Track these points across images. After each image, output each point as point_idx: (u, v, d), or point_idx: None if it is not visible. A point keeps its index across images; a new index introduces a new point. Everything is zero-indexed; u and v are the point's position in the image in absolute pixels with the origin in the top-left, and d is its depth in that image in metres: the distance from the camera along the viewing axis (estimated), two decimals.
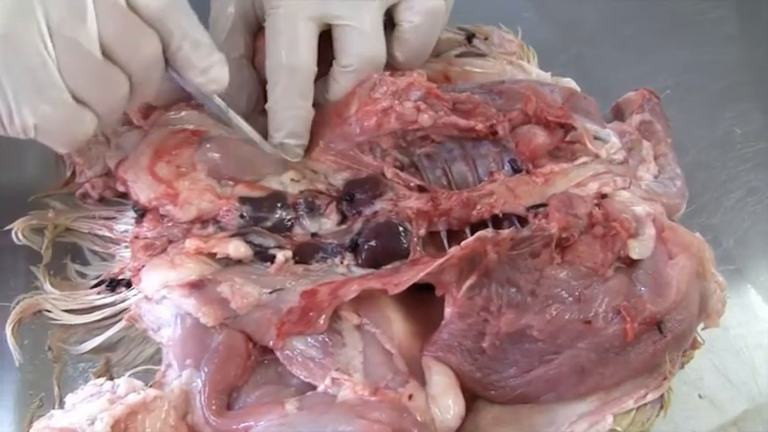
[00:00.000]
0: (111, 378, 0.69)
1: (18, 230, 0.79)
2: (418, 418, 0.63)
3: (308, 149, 0.80)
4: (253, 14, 0.82)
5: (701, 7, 1.15)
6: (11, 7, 0.57)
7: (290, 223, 0.75)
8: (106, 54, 0.61)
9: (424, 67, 0.87)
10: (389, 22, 0.82)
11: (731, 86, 1.05)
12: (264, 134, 0.79)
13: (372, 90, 0.78)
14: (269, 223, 0.75)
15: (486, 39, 0.95)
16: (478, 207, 0.74)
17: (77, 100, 0.61)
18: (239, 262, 0.73)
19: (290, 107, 0.77)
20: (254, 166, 0.77)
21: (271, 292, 0.69)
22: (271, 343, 0.67)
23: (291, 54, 0.76)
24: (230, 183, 0.76)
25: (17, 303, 0.75)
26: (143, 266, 0.73)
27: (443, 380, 0.66)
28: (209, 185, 0.75)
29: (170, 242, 0.75)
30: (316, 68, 0.78)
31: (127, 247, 0.78)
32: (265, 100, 0.81)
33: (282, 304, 0.68)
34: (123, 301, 0.75)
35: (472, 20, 0.96)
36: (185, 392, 0.67)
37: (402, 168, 0.78)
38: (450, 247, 0.72)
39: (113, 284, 0.76)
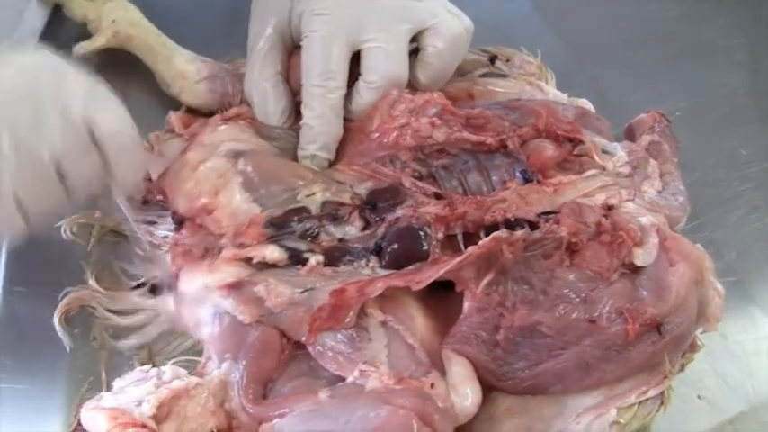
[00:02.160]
0: (155, 366, 0.71)
1: (67, 227, 0.83)
2: (439, 405, 0.65)
3: (334, 161, 0.84)
4: (289, 35, 0.87)
5: (714, 35, 1.16)
6: None
7: (315, 232, 0.78)
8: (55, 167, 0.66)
9: (449, 85, 0.91)
10: (414, 49, 0.87)
11: (738, 110, 1.07)
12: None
13: (392, 107, 0.82)
14: (296, 233, 0.78)
15: (507, 60, 0.99)
16: (492, 210, 0.76)
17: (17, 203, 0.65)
18: (273, 266, 0.76)
19: (325, 123, 0.82)
20: (285, 178, 0.80)
21: (302, 292, 0.72)
22: (303, 338, 0.70)
23: (328, 76, 0.81)
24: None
25: (65, 295, 0.78)
26: (181, 271, 0.76)
27: (462, 370, 0.69)
28: (241, 203, 0.78)
29: (207, 250, 0.77)
30: (346, 88, 0.83)
31: (167, 251, 0.81)
32: (297, 113, 0.86)
33: (314, 302, 0.70)
34: (163, 304, 0.79)
35: (495, 42, 1.00)
36: (224, 382, 0.70)
37: (421, 179, 0.81)
38: (465, 248, 0.74)
39: (154, 289, 0.79)
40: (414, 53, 0.87)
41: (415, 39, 0.86)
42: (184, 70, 0.94)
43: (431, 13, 0.85)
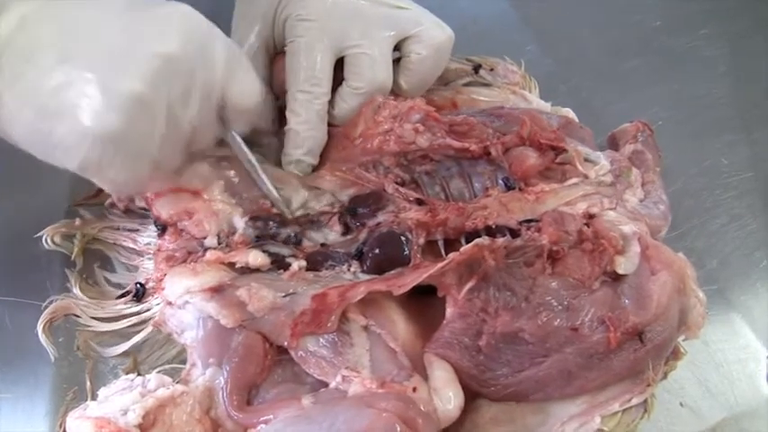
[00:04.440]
0: (139, 375, 0.71)
1: (48, 236, 0.83)
2: (422, 408, 0.65)
3: (317, 167, 0.84)
4: (272, 41, 0.87)
5: (696, 45, 1.17)
6: (153, 74, 0.63)
7: (297, 238, 0.79)
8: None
9: (433, 94, 0.92)
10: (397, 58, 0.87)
11: (720, 120, 1.07)
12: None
13: (376, 113, 0.83)
14: (279, 238, 0.79)
15: (491, 70, 0.99)
16: (473, 217, 0.77)
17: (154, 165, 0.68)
18: (256, 270, 0.76)
19: (311, 129, 0.82)
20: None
21: (284, 296, 0.72)
22: (285, 343, 0.70)
23: (313, 82, 0.82)
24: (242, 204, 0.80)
25: (49, 304, 0.78)
26: (166, 275, 0.76)
27: (444, 374, 0.69)
28: (222, 206, 0.79)
29: (190, 254, 0.78)
30: (330, 94, 0.84)
31: (150, 258, 0.82)
32: (281, 119, 0.86)
33: (295, 306, 0.71)
34: (148, 310, 0.79)
35: (480, 51, 1.01)
36: (209, 389, 0.70)
37: (403, 184, 0.82)
38: (446, 254, 0.75)
39: (139, 294, 0.80)
40: (396, 61, 0.88)
41: (398, 47, 0.87)
42: None
43: (414, 22, 0.86)
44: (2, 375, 0.76)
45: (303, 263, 0.76)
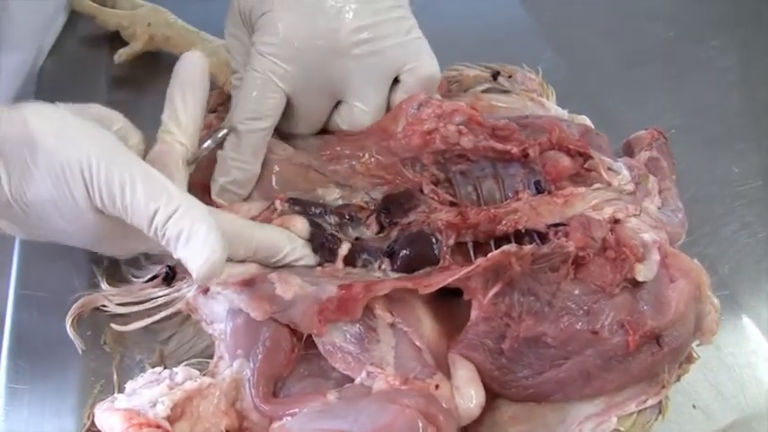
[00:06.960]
0: (166, 368, 0.72)
1: None
2: (444, 405, 0.66)
3: (354, 158, 0.84)
4: None
5: (707, 55, 1.19)
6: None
7: (335, 229, 0.79)
8: None
9: (452, 99, 0.90)
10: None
11: (731, 129, 1.09)
12: None
13: (419, 111, 0.83)
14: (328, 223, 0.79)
15: (510, 77, 1.00)
16: (503, 222, 0.78)
17: None
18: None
19: (241, 162, 0.81)
20: (301, 184, 0.82)
21: (312, 284, 0.72)
22: (314, 331, 0.71)
23: (255, 116, 0.80)
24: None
25: (77, 299, 0.78)
26: None
27: (467, 373, 0.70)
28: (255, 200, 0.81)
29: None
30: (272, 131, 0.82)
31: None
32: None
33: (322, 294, 0.71)
34: (177, 292, 0.79)
35: (497, 59, 1.02)
36: (236, 381, 0.70)
37: (438, 183, 0.82)
38: (475, 256, 0.77)
39: (169, 278, 0.79)
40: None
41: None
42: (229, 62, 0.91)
43: (413, 54, 0.85)
44: (31, 369, 0.76)
45: (349, 245, 0.78)
